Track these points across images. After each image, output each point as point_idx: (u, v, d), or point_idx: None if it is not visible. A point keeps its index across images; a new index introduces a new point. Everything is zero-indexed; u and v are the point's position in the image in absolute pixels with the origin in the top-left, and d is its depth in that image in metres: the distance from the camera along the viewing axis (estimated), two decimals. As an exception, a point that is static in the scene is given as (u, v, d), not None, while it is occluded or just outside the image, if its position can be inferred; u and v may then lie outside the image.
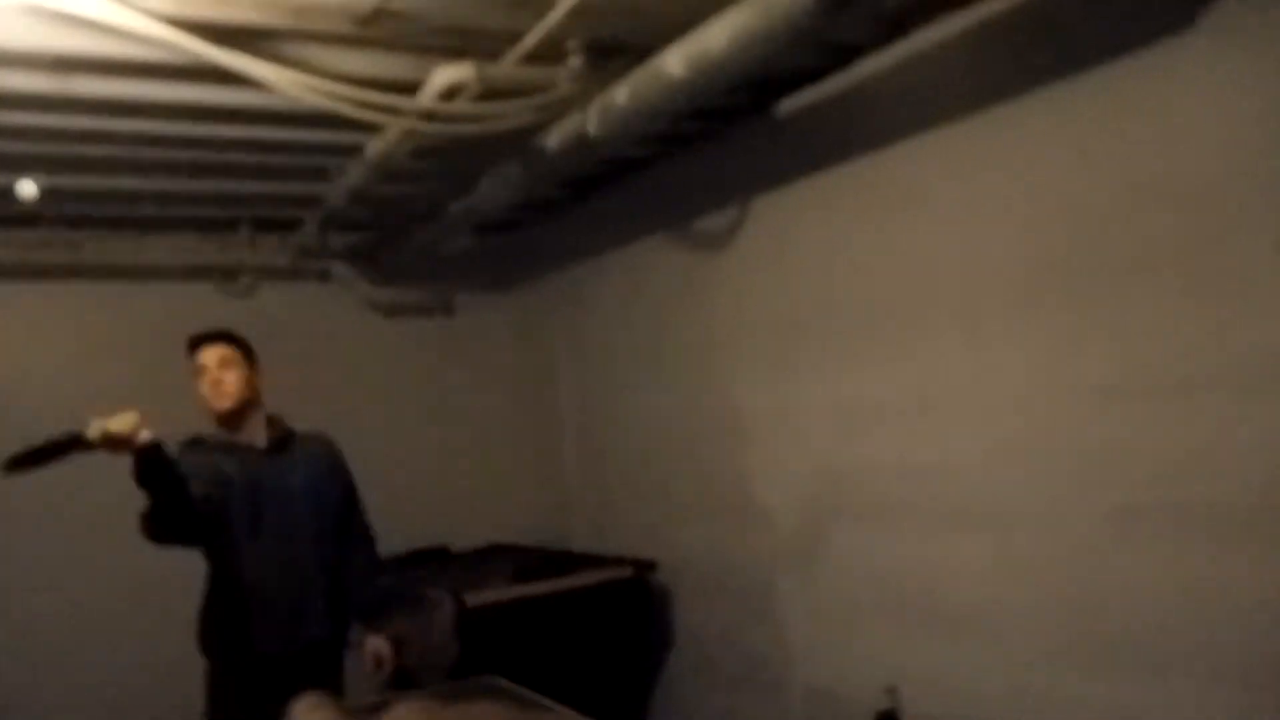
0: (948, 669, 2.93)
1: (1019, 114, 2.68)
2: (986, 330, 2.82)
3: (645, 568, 4.26)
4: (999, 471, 2.79)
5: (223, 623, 3.07)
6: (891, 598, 3.15)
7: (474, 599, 3.87)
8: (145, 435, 2.66)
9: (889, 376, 3.15)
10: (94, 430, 2.58)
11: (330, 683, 3.11)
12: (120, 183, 3.93)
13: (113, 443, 2.60)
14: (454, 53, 2.86)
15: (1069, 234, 2.57)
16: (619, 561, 4.29)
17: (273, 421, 3.25)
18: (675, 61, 2.74)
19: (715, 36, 2.60)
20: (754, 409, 3.78)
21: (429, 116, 3.01)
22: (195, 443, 3.13)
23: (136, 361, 4.68)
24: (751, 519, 3.81)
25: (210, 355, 3.12)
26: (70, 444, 2.59)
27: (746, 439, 3.82)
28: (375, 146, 3.39)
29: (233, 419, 3.14)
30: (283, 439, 3.23)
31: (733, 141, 3.79)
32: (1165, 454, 2.36)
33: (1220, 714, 2.27)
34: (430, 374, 5.30)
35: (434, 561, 4.77)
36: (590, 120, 3.11)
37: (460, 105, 2.93)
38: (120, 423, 2.60)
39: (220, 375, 3.10)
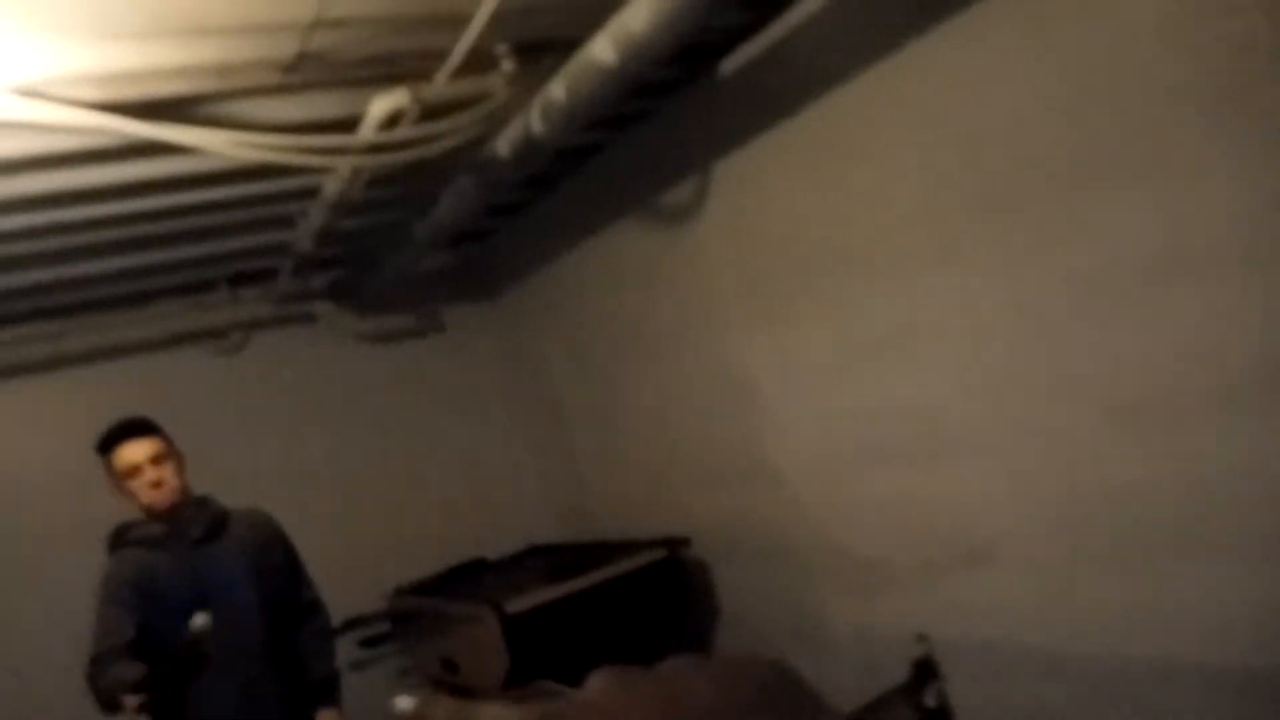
0: (981, 598, 2.95)
1: (959, 31, 2.65)
2: (952, 256, 2.81)
3: (678, 545, 4.27)
4: (993, 395, 2.79)
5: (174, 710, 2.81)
6: (915, 538, 3.16)
7: (515, 606, 3.90)
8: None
9: (871, 317, 3.14)
10: None
11: None
12: (88, 267, 3.94)
13: None
14: (386, 81, 2.86)
15: (1015, 147, 2.56)
16: (651, 544, 4.31)
17: (204, 505, 3.11)
18: (604, 48, 2.73)
19: (637, 15, 2.59)
20: (750, 370, 3.78)
21: (374, 149, 3.01)
22: (121, 545, 2.98)
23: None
24: (767, 476, 3.82)
25: (139, 452, 2.94)
26: None
27: (749, 400, 3.83)
28: (330, 186, 3.41)
29: (169, 512, 2.98)
30: (216, 524, 3.09)
31: (683, 110, 3.77)
32: (1150, 347, 2.36)
33: (1235, 588, 2.29)
34: (431, 394, 5.33)
35: (471, 575, 4.81)
36: (533, 120, 3.10)
37: (402, 131, 2.93)
38: None
39: (158, 474, 2.93)
